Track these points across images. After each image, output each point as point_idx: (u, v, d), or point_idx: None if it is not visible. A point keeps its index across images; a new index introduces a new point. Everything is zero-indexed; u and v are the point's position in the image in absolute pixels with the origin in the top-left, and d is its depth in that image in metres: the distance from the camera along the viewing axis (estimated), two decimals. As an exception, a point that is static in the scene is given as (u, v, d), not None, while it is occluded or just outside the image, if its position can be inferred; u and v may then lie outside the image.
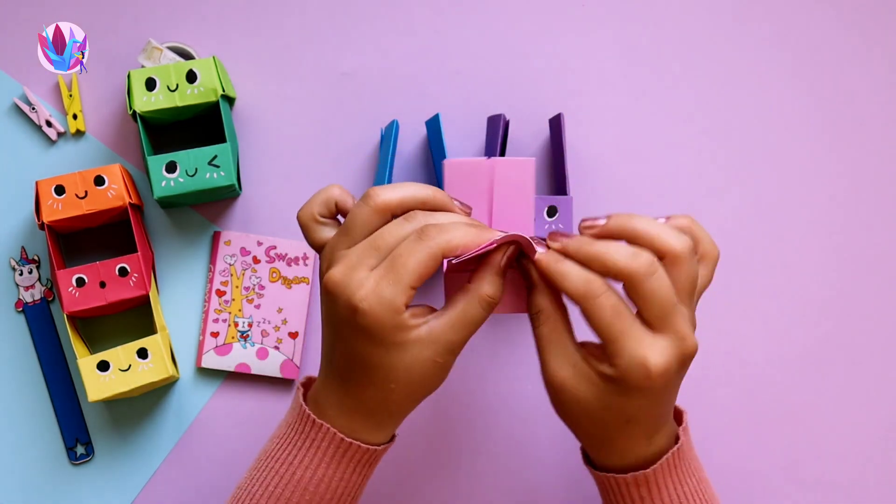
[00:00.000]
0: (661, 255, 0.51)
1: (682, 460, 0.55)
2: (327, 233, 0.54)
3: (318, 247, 0.54)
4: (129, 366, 0.68)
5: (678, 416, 0.57)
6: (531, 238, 0.52)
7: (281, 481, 0.55)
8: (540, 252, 0.51)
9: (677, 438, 0.56)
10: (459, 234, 0.50)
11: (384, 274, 0.49)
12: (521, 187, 0.54)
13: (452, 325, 0.51)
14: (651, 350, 0.49)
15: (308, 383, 0.59)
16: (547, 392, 0.54)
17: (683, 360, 0.51)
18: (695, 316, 0.53)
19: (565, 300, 0.53)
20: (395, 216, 0.52)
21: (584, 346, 0.53)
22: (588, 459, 0.58)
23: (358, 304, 0.49)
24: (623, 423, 0.52)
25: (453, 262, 0.51)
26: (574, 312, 0.52)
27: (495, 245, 0.51)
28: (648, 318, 0.50)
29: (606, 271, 0.50)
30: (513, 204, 0.54)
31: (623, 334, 0.49)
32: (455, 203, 0.53)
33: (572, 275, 0.50)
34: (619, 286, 0.51)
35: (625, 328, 0.49)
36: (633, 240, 0.51)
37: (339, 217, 0.55)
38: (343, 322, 0.51)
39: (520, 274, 0.54)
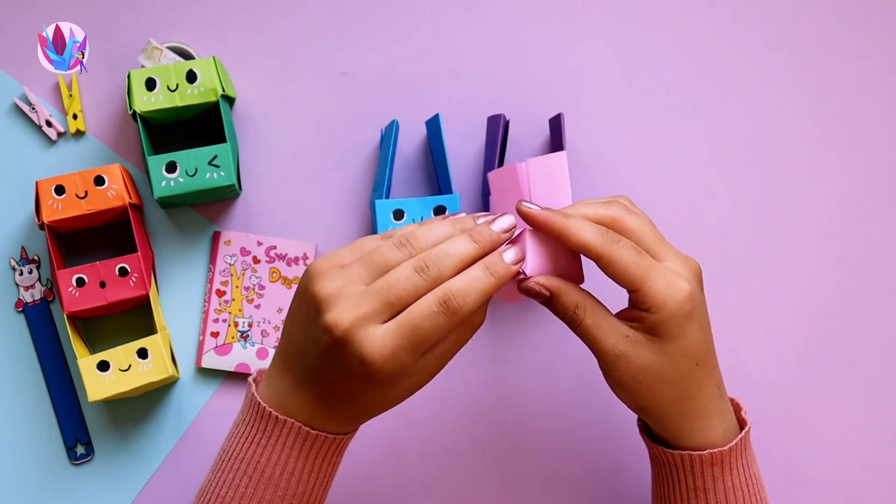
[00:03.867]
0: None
1: (749, 444, 0.58)
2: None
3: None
4: (129, 366, 0.68)
5: (735, 407, 0.59)
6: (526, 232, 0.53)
7: (251, 480, 0.54)
8: (536, 210, 0.52)
9: (741, 425, 0.58)
10: (480, 286, 0.50)
11: (404, 343, 0.49)
12: (557, 182, 0.54)
13: (444, 354, 0.52)
14: (673, 274, 0.52)
15: (259, 378, 0.58)
16: (614, 379, 0.54)
17: (698, 276, 0.54)
18: None
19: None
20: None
21: (620, 317, 0.54)
22: (653, 440, 0.59)
23: (373, 363, 0.49)
24: (693, 368, 0.54)
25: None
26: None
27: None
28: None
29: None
30: (552, 201, 0.54)
31: (651, 268, 0.51)
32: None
33: (586, 228, 0.51)
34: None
35: (650, 264, 0.51)
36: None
37: None
38: (345, 367, 0.50)
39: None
